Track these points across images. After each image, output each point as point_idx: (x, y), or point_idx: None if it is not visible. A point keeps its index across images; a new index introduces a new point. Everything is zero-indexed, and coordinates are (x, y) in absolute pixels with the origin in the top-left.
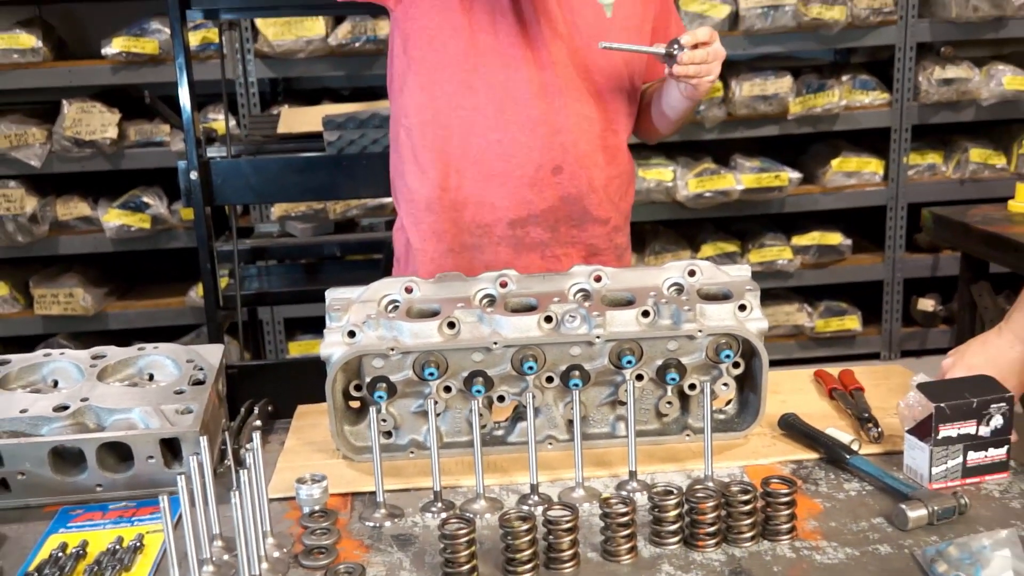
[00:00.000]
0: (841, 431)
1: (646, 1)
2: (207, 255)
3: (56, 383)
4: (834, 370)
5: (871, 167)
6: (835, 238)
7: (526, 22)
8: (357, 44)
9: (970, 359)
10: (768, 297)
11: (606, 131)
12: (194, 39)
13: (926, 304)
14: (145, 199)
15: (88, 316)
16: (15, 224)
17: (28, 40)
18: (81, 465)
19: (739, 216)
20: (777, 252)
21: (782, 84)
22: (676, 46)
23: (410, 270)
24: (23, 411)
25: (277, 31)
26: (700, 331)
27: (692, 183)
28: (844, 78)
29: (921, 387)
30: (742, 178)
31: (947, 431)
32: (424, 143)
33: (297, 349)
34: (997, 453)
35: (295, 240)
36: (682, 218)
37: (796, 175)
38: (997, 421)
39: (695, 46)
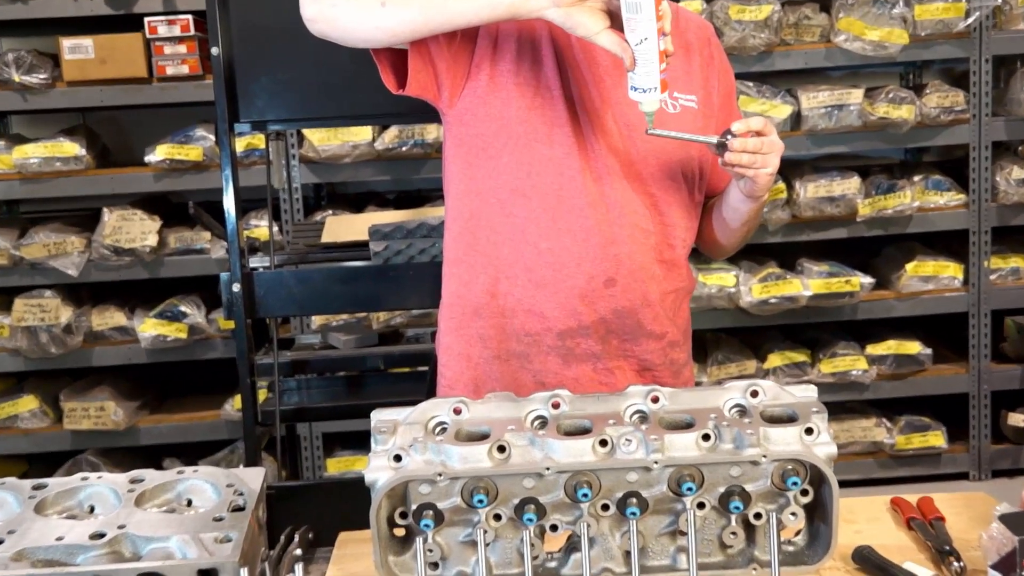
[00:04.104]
0: (920, 565)
1: (707, 114)
2: (247, 369)
3: (93, 508)
4: (913, 497)
5: (949, 271)
6: (913, 347)
7: (583, 134)
8: (404, 148)
9: None
10: (843, 411)
11: (662, 244)
12: (239, 145)
13: (1017, 419)
14: (183, 308)
15: (119, 431)
16: (48, 335)
17: (71, 148)
18: None
19: (808, 323)
20: (851, 362)
21: (849, 185)
22: (728, 134)
23: (452, 376)
24: (59, 539)
25: (323, 136)
26: (764, 456)
27: (756, 288)
28: (916, 178)
29: (1003, 518)
30: (810, 283)
31: None
32: (475, 248)
33: (336, 466)
34: None
35: (337, 352)
36: (746, 326)
37: (868, 280)
38: None
39: (748, 135)
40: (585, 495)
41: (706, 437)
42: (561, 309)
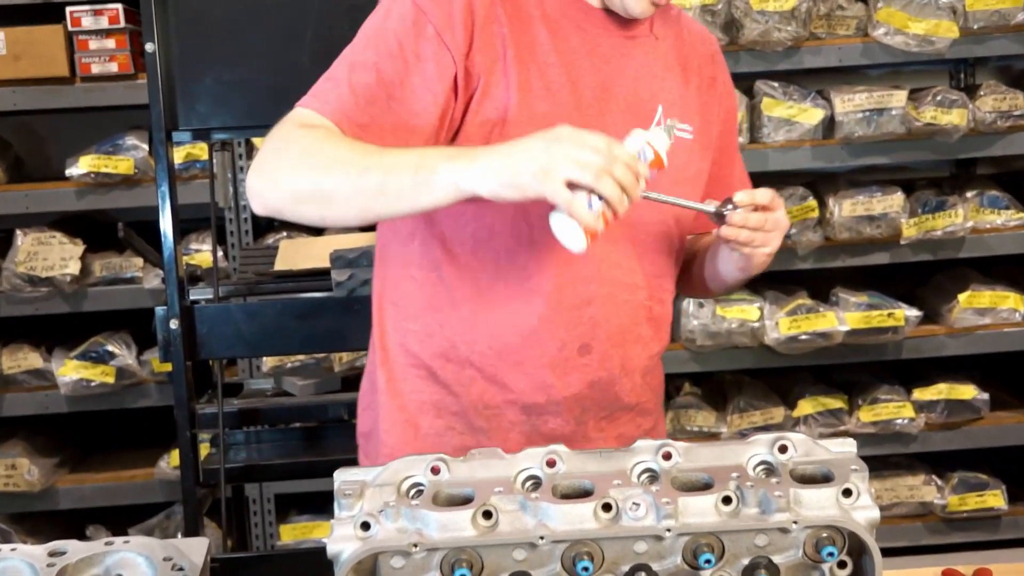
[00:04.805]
0: None
1: (704, 145)
2: (186, 420)
3: None
4: (968, 568)
5: (1009, 302)
6: (968, 391)
7: None
8: None
9: None
10: (886, 466)
11: (650, 300)
12: (178, 156)
13: None
14: (109, 347)
15: (34, 493)
16: None
17: None
18: None
19: (844, 364)
20: (895, 409)
21: (891, 202)
22: (729, 205)
23: (394, 444)
24: None
25: None
26: (795, 522)
27: (784, 323)
28: (969, 194)
29: None
30: (846, 317)
31: None
32: (428, 303)
33: (291, 534)
34: None
35: (293, 400)
36: (772, 366)
37: (914, 313)
38: None
39: (754, 209)
40: (586, 568)
41: (727, 500)
42: (527, 381)
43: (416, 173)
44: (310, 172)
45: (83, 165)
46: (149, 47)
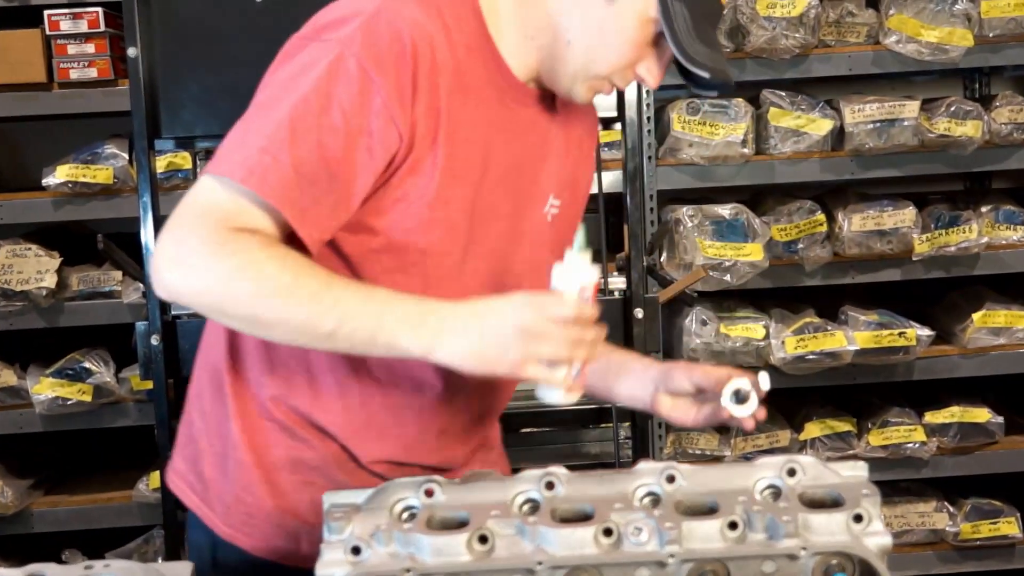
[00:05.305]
0: None
1: (564, 216)
2: (168, 441)
3: None
4: None
5: None
6: (982, 414)
7: (465, 252)
8: None
9: None
10: (897, 492)
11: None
12: (159, 165)
13: None
14: (87, 364)
15: (7, 515)
16: None
17: None
18: None
19: (853, 385)
20: (905, 433)
21: (903, 216)
22: (755, 393)
23: (253, 503)
24: None
25: None
26: (804, 548)
27: (790, 343)
28: (983, 209)
29: None
30: (855, 336)
31: None
32: (283, 363)
33: None
34: None
35: None
36: (778, 387)
37: (926, 332)
38: None
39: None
40: None
41: (733, 525)
42: (382, 456)
43: (373, 335)
44: (246, 298)
45: (60, 174)
46: (132, 52)
